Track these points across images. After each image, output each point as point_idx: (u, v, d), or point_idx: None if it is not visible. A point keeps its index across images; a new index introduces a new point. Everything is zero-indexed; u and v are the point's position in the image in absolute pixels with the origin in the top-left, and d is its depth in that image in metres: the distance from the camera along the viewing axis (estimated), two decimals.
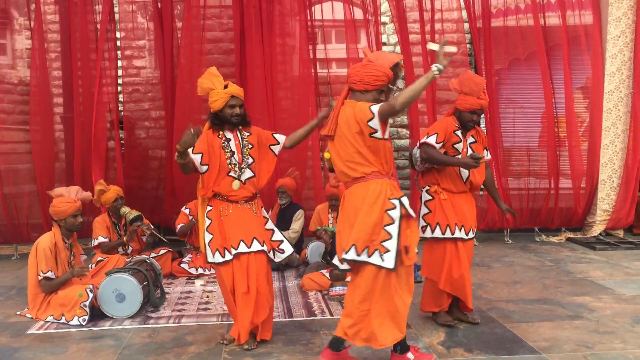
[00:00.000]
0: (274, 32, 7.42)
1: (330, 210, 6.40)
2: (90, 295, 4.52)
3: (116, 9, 7.62)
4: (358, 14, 7.59)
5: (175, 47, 7.46)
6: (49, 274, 4.55)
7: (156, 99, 7.87)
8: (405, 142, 8.38)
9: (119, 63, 7.68)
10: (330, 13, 7.64)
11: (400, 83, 8.32)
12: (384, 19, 8.36)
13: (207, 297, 5.25)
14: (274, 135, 4.16)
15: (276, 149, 4.14)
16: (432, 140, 4.19)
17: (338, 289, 5.07)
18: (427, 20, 7.57)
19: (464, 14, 7.80)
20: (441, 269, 4.30)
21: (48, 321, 4.55)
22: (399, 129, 8.47)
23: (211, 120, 3.93)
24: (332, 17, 7.64)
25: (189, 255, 6.29)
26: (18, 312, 4.80)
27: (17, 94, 7.60)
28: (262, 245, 3.90)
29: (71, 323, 4.45)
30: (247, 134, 4.01)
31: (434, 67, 3.18)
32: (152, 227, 5.96)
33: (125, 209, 5.80)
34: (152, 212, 7.56)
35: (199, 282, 5.77)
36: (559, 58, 7.62)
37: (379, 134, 3.32)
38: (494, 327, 4.24)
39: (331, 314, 4.64)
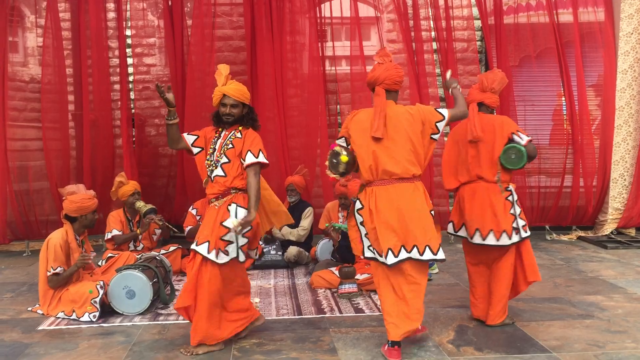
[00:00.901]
0: (284, 29, 7.43)
1: (340, 209, 6.39)
2: (101, 291, 4.55)
3: (127, 7, 7.64)
4: (368, 11, 7.57)
5: (186, 45, 7.48)
6: (58, 270, 4.57)
7: None
8: None
9: (130, 61, 7.70)
10: (340, 10, 7.61)
11: (407, 80, 8.30)
12: (394, 16, 8.33)
13: None
14: (251, 152, 3.82)
15: (248, 159, 3.80)
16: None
17: (347, 287, 5.06)
18: (437, 18, 7.53)
19: (474, 11, 7.76)
20: None
21: (59, 317, 4.58)
22: None
23: (211, 117, 3.98)
24: (341, 14, 7.62)
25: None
26: (29, 308, 4.84)
27: (29, 92, 7.65)
28: (210, 253, 3.74)
29: (82, 319, 4.48)
30: (238, 135, 3.87)
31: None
32: (162, 218, 5.96)
33: (139, 203, 5.84)
34: (162, 209, 7.58)
35: None
36: (571, 55, 7.56)
37: (437, 136, 3.63)
38: (504, 326, 4.22)
39: (340, 312, 4.64)
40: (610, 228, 7.64)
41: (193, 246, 3.79)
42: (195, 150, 3.97)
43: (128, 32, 7.76)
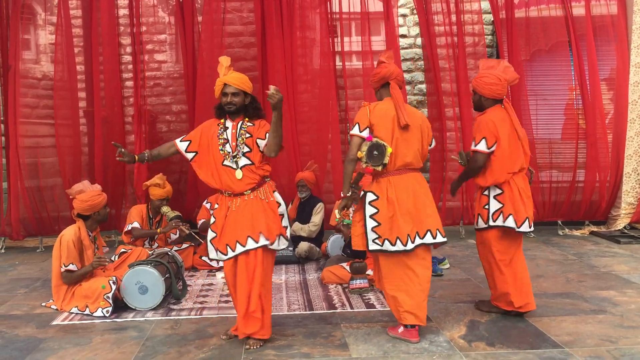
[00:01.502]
0: (294, 25, 7.41)
1: (354, 204, 6.39)
2: (114, 287, 4.58)
3: (138, 3, 7.66)
4: (378, 5, 7.53)
5: (197, 41, 7.49)
6: (71, 267, 4.61)
7: (177, 92, 7.92)
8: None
9: (140, 57, 7.72)
10: (351, 5, 7.59)
11: (420, 75, 8.28)
12: (404, 10, 8.31)
13: (229, 289, 5.27)
14: (268, 133, 3.83)
15: (260, 143, 3.83)
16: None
17: (358, 282, 5.07)
18: (447, 12, 7.49)
19: (484, 5, 7.70)
20: None
21: (72, 312, 4.62)
22: None
23: (214, 108, 3.95)
24: (352, 9, 7.59)
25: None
26: (43, 304, 4.89)
27: (41, 89, 7.70)
28: (257, 242, 3.75)
29: (95, 314, 4.52)
30: (249, 124, 3.87)
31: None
32: (188, 226, 5.96)
33: (166, 208, 5.91)
34: (174, 204, 7.60)
35: (220, 275, 5.80)
36: (583, 49, 7.49)
37: (430, 147, 4.12)
38: (516, 321, 4.21)
39: (351, 307, 4.65)
40: (623, 223, 7.58)
41: (245, 248, 3.74)
42: (189, 155, 3.94)
43: (139, 29, 7.78)
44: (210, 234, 3.88)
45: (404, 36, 8.24)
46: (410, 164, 3.84)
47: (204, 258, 6.14)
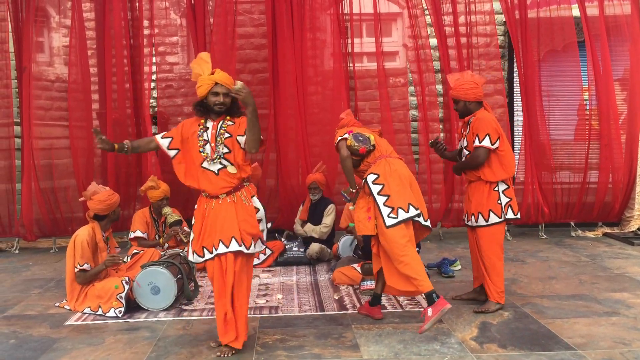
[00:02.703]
0: (305, 26, 7.42)
1: None
2: (126, 287, 4.61)
3: (150, 6, 7.70)
4: (389, 7, 7.53)
5: (208, 43, 7.52)
6: (85, 267, 4.65)
7: (189, 94, 7.94)
8: (436, 137, 8.28)
9: (153, 59, 7.77)
10: (362, 6, 7.57)
11: (430, 76, 8.25)
12: (415, 11, 8.27)
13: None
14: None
15: (241, 140, 3.75)
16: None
17: (369, 283, 5.06)
18: (459, 13, 7.47)
19: (495, 5, 7.66)
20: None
21: (85, 313, 4.66)
22: (431, 123, 8.38)
23: (195, 107, 3.82)
24: (363, 10, 7.58)
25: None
26: (57, 304, 4.93)
27: (55, 91, 7.77)
28: (240, 245, 3.69)
29: (108, 315, 4.55)
30: (229, 123, 3.77)
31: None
32: (188, 234, 5.97)
33: (166, 210, 5.88)
34: (185, 206, 7.64)
35: None
36: (597, 49, 7.43)
37: None
38: (528, 323, 4.19)
39: None
40: (636, 224, 7.51)
41: (218, 252, 3.68)
42: (171, 153, 3.84)
43: (151, 31, 7.83)
44: (191, 235, 3.85)
45: (415, 37, 8.20)
46: (393, 152, 4.41)
47: None
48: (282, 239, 6.71)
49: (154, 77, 7.80)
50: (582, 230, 7.70)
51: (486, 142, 4.33)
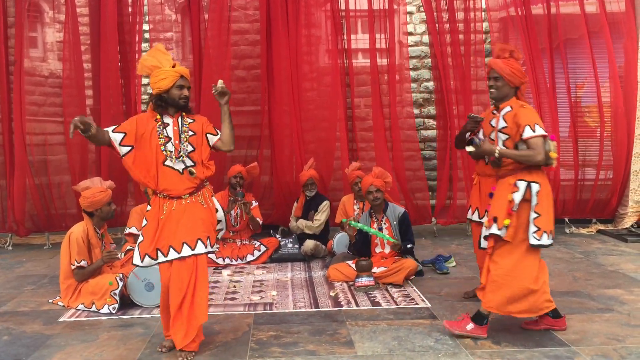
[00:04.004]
0: (300, 22, 7.41)
1: (355, 201, 6.40)
2: (120, 283, 4.60)
3: (144, 1, 7.67)
4: (384, 3, 7.51)
5: (203, 39, 7.49)
6: (82, 263, 4.65)
7: None
8: (432, 133, 8.30)
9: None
10: (357, 3, 7.57)
11: (426, 73, 8.24)
12: (410, 8, 8.28)
13: (234, 287, 5.30)
14: (216, 128, 3.78)
15: (212, 139, 3.71)
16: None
17: (364, 280, 5.06)
18: (454, 10, 7.46)
19: (490, 2, 7.64)
20: (475, 247, 4.69)
21: (79, 309, 4.64)
22: (426, 120, 8.40)
23: (154, 102, 3.58)
24: (358, 7, 7.58)
25: (216, 246, 6.33)
26: (50, 301, 4.91)
27: (48, 87, 7.73)
28: (206, 247, 3.64)
29: (101, 311, 4.54)
30: (189, 120, 3.65)
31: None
32: None
33: None
34: None
35: (225, 272, 5.82)
36: (594, 46, 7.44)
37: None
38: (523, 320, 4.19)
39: (357, 305, 4.64)
40: (630, 221, 7.54)
41: (179, 255, 3.57)
42: (123, 150, 3.55)
43: (145, 27, 7.80)
44: (140, 238, 3.62)
45: (410, 33, 8.21)
46: None
47: (209, 255, 6.15)
48: (277, 236, 6.71)
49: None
50: (576, 227, 7.72)
51: (541, 130, 3.75)
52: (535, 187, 3.68)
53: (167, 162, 3.57)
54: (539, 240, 3.68)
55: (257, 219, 6.43)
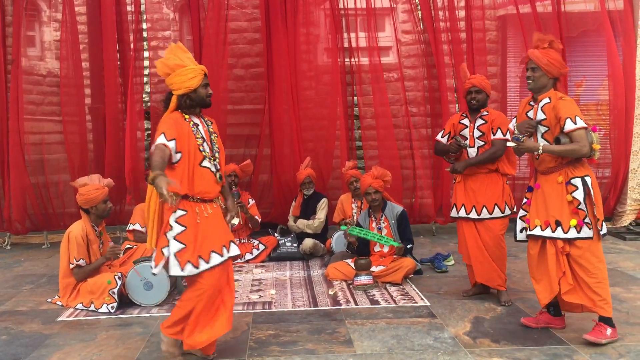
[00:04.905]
0: (298, 21, 7.41)
1: (353, 200, 6.39)
2: (119, 282, 4.59)
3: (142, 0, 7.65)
4: (383, 1, 7.51)
5: (202, 38, 7.48)
6: (81, 262, 4.64)
7: None
8: (429, 132, 8.28)
9: (146, 54, 7.72)
10: (356, 1, 7.56)
11: (424, 71, 8.23)
12: (408, 6, 8.26)
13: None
14: None
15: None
16: (438, 136, 4.84)
17: (363, 279, 5.06)
18: (452, 8, 7.46)
19: (487, 0, 7.65)
20: (461, 245, 4.76)
21: (78, 309, 4.64)
22: (424, 118, 8.38)
23: (183, 102, 3.42)
24: (357, 5, 7.57)
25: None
26: (49, 300, 4.91)
27: (46, 85, 7.72)
28: (229, 252, 3.53)
29: (100, 310, 4.53)
30: (210, 122, 3.60)
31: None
32: None
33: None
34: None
35: None
36: (590, 45, 7.45)
37: None
38: (521, 318, 4.19)
39: (356, 303, 4.64)
40: (629, 219, 7.55)
41: (224, 257, 3.45)
42: (177, 157, 3.36)
43: (144, 25, 7.78)
44: (177, 245, 3.31)
45: (408, 32, 8.20)
46: None
47: None
48: (276, 234, 6.71)
49: (146, 71, 7.75)
50: None
51: (582, 123, 3.72)
52: (589, 180, 3.65)
53: (205, 163, 3.42)
54: (601, 230, 3.66)
55: (255, 217, 6.43)
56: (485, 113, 4.59)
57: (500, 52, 8.11)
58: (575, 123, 3.59)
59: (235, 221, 3.74)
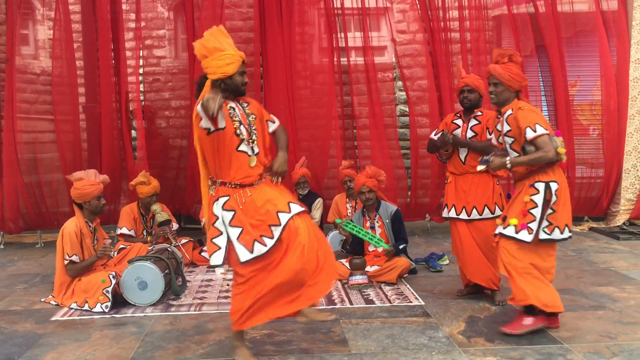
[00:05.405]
0: (293, 20, 7.40)
1: (347, 200, 6.40)
2: (113, 281, 4.58)
3: None
4: (378, 1, 7.51)
5: (197, 37, 7.46)
6: (74, 258, 4.64)
7: (176, 88, 7.91)
8: (425, 131, 8.30)
9: (140, 53, 7.71)
10: (351, 1, 7.56)
11: (419, 71, 8.24)
12: (404, 6, 8.27)
13: (228, 285, 5.29)
14: (270, 114, 3.67)
15: (271, 126, 3.59)
16: (432, 134, 4.86)
17: (357, 278, 5.06)
18: (447, 8, 7.48)
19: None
20: (455, 246, 4.76)
21: (72, 308, 4.62)
22: (419, 118, 8.39)
23: (218, 87, 3.32)
24: (352, 5, 7.57)
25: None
26: (42, 299, 4.89)
27: (40, 84, 7.68)
28: (290, 212, 3.29)
29: (94, 310, 4.52)
30: (245, 103, 3.48)
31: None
32: (175, 234, 5.92)
33: (155, 207, 5.83)
34: (173, 200, 7.62)
35: (219, 271, 5.80)
36: (585, 45, 7.47)
37: None
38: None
39: (351, 303, 4.64)
40: (622, 219, 7.59)
41: (283, 223, 3.25)
42: (222, 123, 3.29)
43: (138, 24, 7.76)
44: (235, 231, 3.26)
45: (403, 32, 8.20)
46: None
47: (203, 254, 6.14)
48: None
49: (140, 70, 7.74)
50: None
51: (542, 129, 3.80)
52: (554, 186, 3.72)
53: (242, 147, 3.34)
54: (549, 234, 3.74)
55: None
56: (479, 113, 4.61)
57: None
58: (535, 131, 3.71)
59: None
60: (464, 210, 4.58)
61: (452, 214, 4.66)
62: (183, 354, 3.70)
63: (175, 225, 6.15)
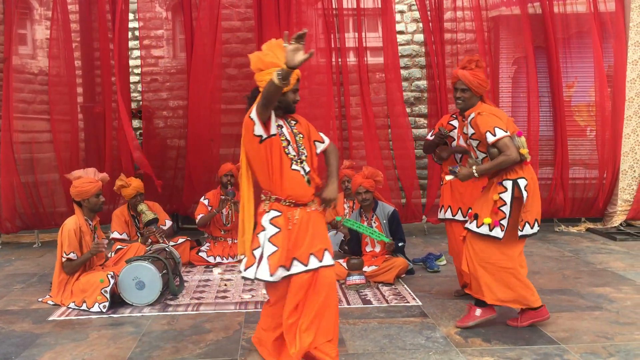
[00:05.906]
0: (291, 21, 7.40)
1: (345, 200, 6.40)
2: (112, 281, 4.58)
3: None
4: (375, 2, 7.52)
5: (195, 37, 7.47)
6: (71, 255, 4.64)
7: (174, 88, 7.90)
8: (423, 132, 8.32)
9: (138, 53, 7.71)
10: (349, 2, 7.57)
11: (417, 72, 8.26)
12: (401, 7, 8.29)
13: (225, 285, 5.29)
14: (320, 133, 3.46)
15: (319, 146, 3.41)
16: (428, 135, 4.91)
17: (355, 278, 5.07)
18: (446, 8, 7.49)
19: (481, 1, 7.68)
20: (452, 247, 4.79)
21: (69, 308, 4.62)
22: (417, 118, 8.41)
23: (283, 103, 3.21)
24: (350, 5, 7.58)
25: (207, 244, 6.34)
26: (40, 299, 4.88)
27: (37, 84, 7.68)
28: (321, 261, 3.19)
29: (92, 310, 4.51)
30: (293, 122, 3.30)
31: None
32: (164, 233, 5.88)
33: (142, 207, 5.77)
34: (170, 200, 7.62)
35: (216, 271, 5.81)
36: (583, 46, 7.49)
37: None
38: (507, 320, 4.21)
39: (348, 303, 4.65)
40: (619, 220, 7.61)
41: (309, 267, 3.15)
42: (273, 130, 3.13)
43: (136, 24, 7.77)
44: (270, 248, 3.10)
45: (401, 32, 8.22)
46: None
47: (200, 254, 6.15)
48: None
49: (138, 70, 7.73)
50: (565, 226, 7.77)
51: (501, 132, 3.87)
52: (522, 183, 3.79)
53: (295, 166, 3.20)
54: (521, 230, 3.82)
55: None
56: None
57: (492, 53, 8.14)
58: (494, 135, 3.77)
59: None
60: (459, 211, 4.59)
61: (448, 215, 4.68)
62: (180, 353, 3.70)
63: (168, 223, 6.13)
